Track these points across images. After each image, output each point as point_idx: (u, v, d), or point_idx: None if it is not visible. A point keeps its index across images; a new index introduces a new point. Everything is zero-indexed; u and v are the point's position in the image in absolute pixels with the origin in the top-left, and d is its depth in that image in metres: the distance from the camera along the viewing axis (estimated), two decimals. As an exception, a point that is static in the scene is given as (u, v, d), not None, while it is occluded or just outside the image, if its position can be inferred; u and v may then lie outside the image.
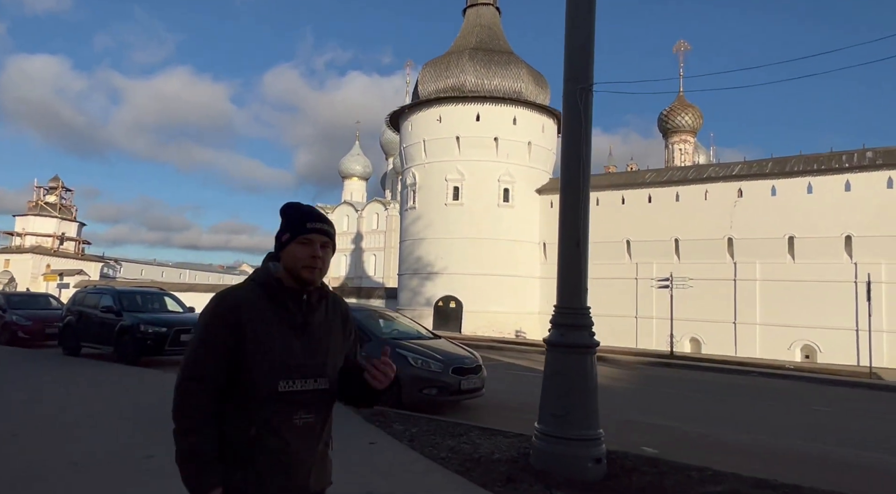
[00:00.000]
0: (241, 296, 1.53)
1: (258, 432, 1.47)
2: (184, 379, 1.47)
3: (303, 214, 1.59)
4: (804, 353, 27.00)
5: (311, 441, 1.55)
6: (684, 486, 4.30)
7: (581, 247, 4.78)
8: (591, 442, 4.54)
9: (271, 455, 1.48)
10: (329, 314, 1.62)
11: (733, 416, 8.80)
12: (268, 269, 1.58)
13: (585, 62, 4.92)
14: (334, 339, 1.62)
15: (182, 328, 10.45)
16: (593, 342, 4.75)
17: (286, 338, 1.51)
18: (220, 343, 1.47)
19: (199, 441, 1.44)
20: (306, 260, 1.53)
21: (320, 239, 1.56)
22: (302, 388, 1.51)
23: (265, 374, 1.47)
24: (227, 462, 1.46)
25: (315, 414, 1.55)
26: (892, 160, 25.09)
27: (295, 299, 1.54)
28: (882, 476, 5.17)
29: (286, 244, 1.56)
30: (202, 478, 1.43)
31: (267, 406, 1.48)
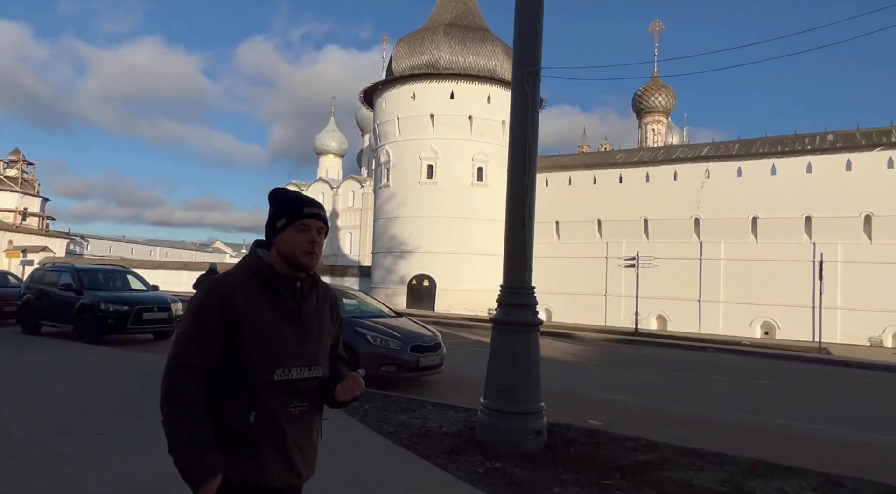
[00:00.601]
0: (234, 283, 1.50)
1: (258, 418, 1.45)
2: (174, 367, 1.44)
3: (299, 199, 1.58)
4: (764, 329, 28.05)
5: (306, 430, 1.54)
6: (617, 455, 4.56)
7: (526, 228, 4.91)
8: (532, 416, 4.75)
9: (270, 440, 1.46)
10: (319, 301, 1.62)
11: (683, 390, 9.21)
12: (259, 256, 1.56)
13: (533, 48, 4.99)
14: (324, 327, 1.62)
15: (145, 307, 10.38)
16: (536, 320, 4.93)
17: (280, 326, 1.50)
18: (211, 331, 1.44)
19: (192, 428, 1.40)
20: (305, 246, 1.52)
21: (317, 224, 1.55)
22: (297, 377, 1.50)
23: (262, 362, 1.45)
24: (228, 451, 1.43)
25: (309, 402, 1.54)
26: (851, 143, 25.87)
27: (288, 287, 1.53)
28: (803, 442, 5.53)
29: (281, 230, 1.53)
30: (201, 466, 1.38)
31: (264, 394, 1.45)
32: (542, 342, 12.37)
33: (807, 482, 4.01)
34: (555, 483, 3.93)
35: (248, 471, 1.44)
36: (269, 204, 1.59)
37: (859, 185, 25.21)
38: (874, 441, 5.92)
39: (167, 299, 11.08)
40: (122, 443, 4.32)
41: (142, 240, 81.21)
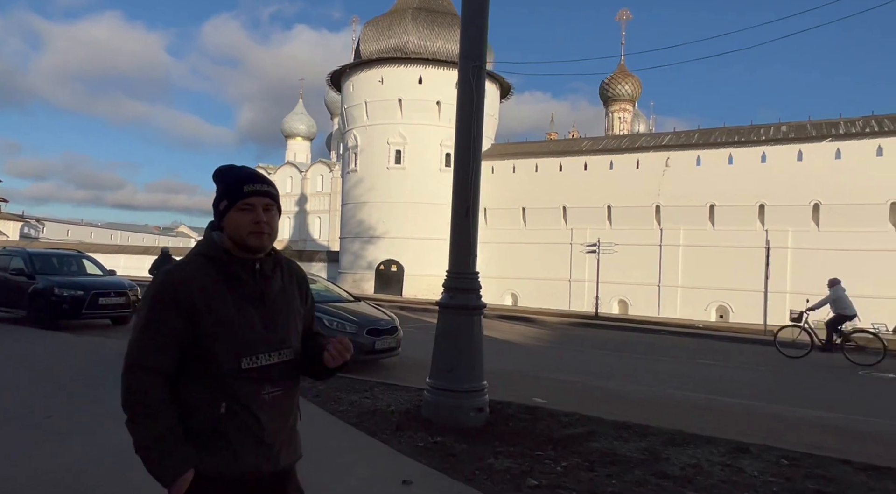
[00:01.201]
0: (188, 272, 1.42)
1: (228, 408, 1.39)
2: (129, 367, 1.38)
3: (239, 177, 1.47)
4: (719, 313, 29.22)
5: (280, 416, 1.48)
6: (552, 429, 4.89)
7: (470, 216, 5.14)
8: (475, 394, 5.04)
9: (244, 431, 1.41)
10: (285, 280, 1.54)
11: (630, 370, 9.69)
12: (212, 239, 1.48)
13: (479, 42, 5.18)
14: (294, 307, 1.54)
15: (101, 292, 10.27)
16: (480, 303, 5.19)
17: (244, 312, 1.42)
18: (167, 326, 1.37)
19: (156, 426, 1.34)
20: (250, 226, 1.43)
21: (262, 201, 1.45)
22: (267, 363, 1.44)
23: (226, 352, 1.39)
24: (198, 443, 1.38)
25: (283, 387, 1.48)
26: (803, 134, 26.96)
27: (247, 269, 1.45)
28: (725, 415, 6.00)
29: (225, 212, 1.45)
30: (169, 463, 1.34)
31: (233, 384, 1.40)
32: (506, 326, 12.94)
33: (717, 449, 4.41)
34: (490, 454, 4.22)
35: (223, 463, 1.39)
36: (216, 185, 1.50)
37: (809, 175, 26.34)
38: (787, 411, 6.44)
39: (124, 284, 10.97)
40: (71, 425, 4.42)
41: (101, 223, 78.66)
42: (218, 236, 1.48)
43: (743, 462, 4.14)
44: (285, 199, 63.46)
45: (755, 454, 4.33)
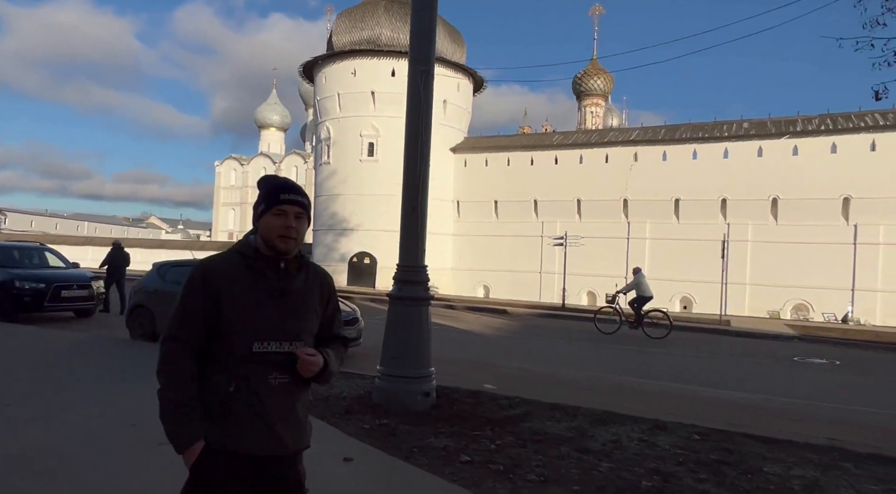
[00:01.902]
0: (219, 265, 1.64)
1: (237, 388, 1.57)
2: (166, 339, 1.61)
3: (277, 186, 1.68)
4: (682, 304, 30.20)
5: (286, 401, 1.62)
6: (492, 411, 5.25)
7: (417, 213, 5.43)
8: (422, 379, 5.36)
9: (247, 410, 1.57)
10: (308, 283, 1.71)
11: (583, 357, 10.17)
12: (248, 239, 1.69)
13: (427, 48, 5.45)
14: (310, 307, 1.70)
15: (63, 284, 10.28)
16: (427, 295, 5.51)
17: (261, 303, 1.61)
18: (197, 308, 1.59)
19: (179, 396, 1.55)
20: (281, 230, 1.63)
21: (294, 210, 1.65)
22: (276, 350, 1.60)
23: (240, 335, 1.58)
24: (211, 418, 1.56)
25: (290, 376, 1.62)
26: (763, 131, 27.92)
27: (272, 267, 1.64)
28: (657, 397, 6.46)
29: (262, 215, 1.65)
30: (183, 431, 1.53)
31: (244, 365, 1.58)
32: (473, 317, 13.40)
33: (639, 427, 4.83)
34: (430, 435, 4.55)
35: (227, 438, 1.55)
36: (258, 190, 1.73)
37: (768, 170, 27.32)
38: (714, 394, 6.95)
39: (87, 277, 10.98)
40: (29, 413, 4.60)
41: (67, 214, 76.63)
42: (253, 238, 1.69)
43: (659, 438, 4.57)
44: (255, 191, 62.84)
45: (671, 430, 4.76)
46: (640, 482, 3.68)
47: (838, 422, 5.77)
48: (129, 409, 4.76)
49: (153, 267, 9.05)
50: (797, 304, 27.09)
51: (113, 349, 7.66)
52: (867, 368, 10.28)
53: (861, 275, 25.59)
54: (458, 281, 34.91)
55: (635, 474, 3.81)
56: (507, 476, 3.75)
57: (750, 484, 3.65)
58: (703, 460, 4.08)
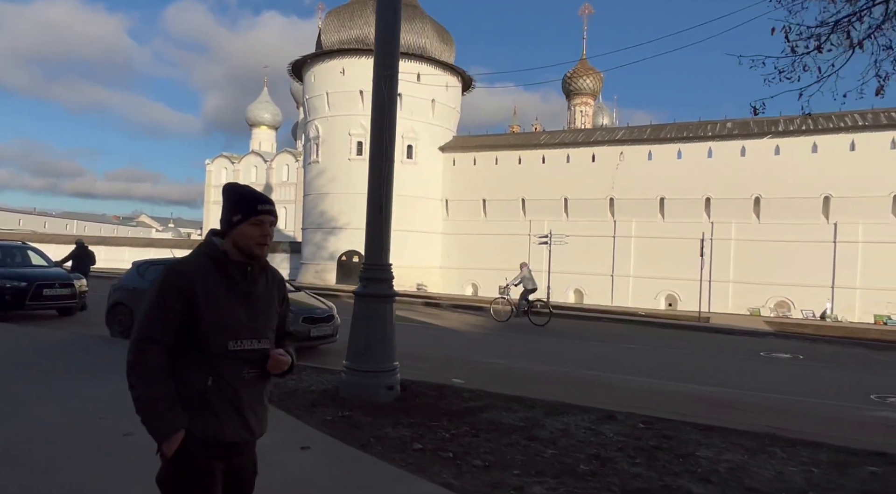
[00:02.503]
0: (191, 266, 1.74)
1: (215, 382, 1.69)
2: (138, 339, 1.68)
3: (253, 197, 1.81)
4: (668, 301, 30.58)
5: (257, 392, 1.80)
6: (453, 403, 5.48)
7: (383, 213, 5.65)
8: (386, 374, 5.58)
9: (224, 402, 1.71)
10: (268, 284, 1.86)
11: (557, 353, 10.41)
12: (214, 243, 1.78)
13: (391, 54, 5.66)
14: (272, 306, 1.87)
15: (44, 283, 10.41)
16: (392, 292, 5.73)
17: (233, 305, 1.73)
18: (171, 308, 1.67)
19: (156, 391, 1.63)
20: (259, 239, 1.76)
21: (269, 219, 1.79)
22: (248, 347, 1.75)
23: (217, 335, 1.70)
24: (190, 410, 1.67)
25: (259, 370, 1.78)
26: (746, 131, 28.31)
27: (240, 271, 1.77)
28: (615, 390, 6.72)
29: (238, 225, 1.76)
30: (163, 423, 1.63)
31: (220, 362, 1.70)
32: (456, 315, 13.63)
33: (589, 416, 5.08)
34: (389, 425, 4.77)
35: (208, 427, 1.68)
36: (224, 199, 1.83)
37: (751, 169, 27.72)
38: (674, 387, 7.22)
39: (70, 276, 11.11)
40: (4, 406, 4.79)
41: (56, 213, 76.10)
42: (219, 241, 1.79)
43: (605, 427, 4.82)
44: (249, 189, 62.71)
45: (620, 419, 5.01)
46: (579, 466, 3.92)
47: (784, 412, 6.05)
48: (100, 403, 4.96)
49: (133, 266, 9.21)
50: (779, 301, 27.53)
51: (91, 347, 7.83)
52: (827, 362, 10.61)
53: (841, 273, 26.06)
54: (447, 279, 35.14)
55: (575, 459, 4.05)
56: (455, 462, 3.98)
57: (680, 467, 3.90)
58: (641, 446, 4.33)
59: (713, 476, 3.74)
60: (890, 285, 24.39)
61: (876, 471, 3.80)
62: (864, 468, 3.85)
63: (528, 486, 3.55)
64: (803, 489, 3.52)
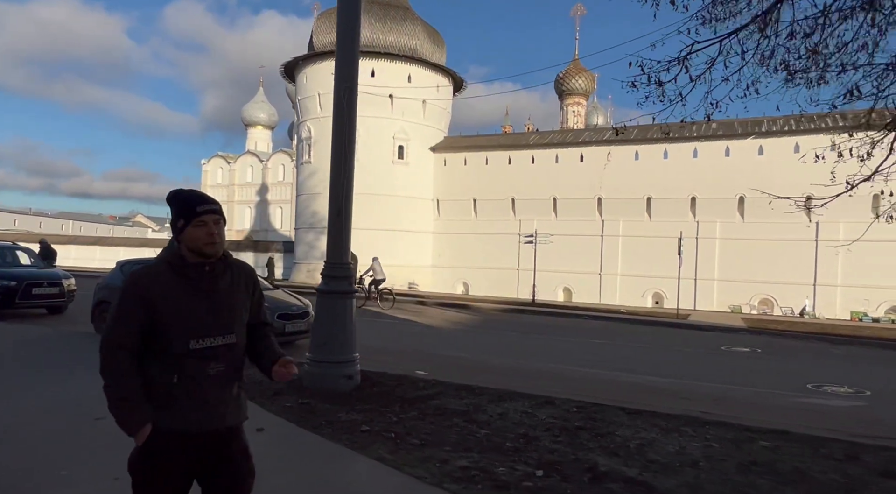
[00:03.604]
0: (150, 274, 1.84)
1: (179, 379, 1.80)
2: (104, 344, 1.80)
3: (192, 200, 1.87)
4: (655, 299, 31.04)
5: (224, 386, 1.89)
6: (407, 392, 5.89)
7: (342, 216, 6.06)
8: (346, 364, 6.00)
9: (189, 397, 1.80)
10: (234, 279, 1.94)
11: (526, 348, 10.84)
12: (173, 248, 1.88)
13: (350, 68, 6.06)
14: (239, 301, 1.94)
15: (34, 282, 10.80)
16: (350, 289, 6.14)
17: (193, 305, 1.82)
18: (132, 314, 1.77)
19: (123, 390, 1.76)
20: (206, 238, 1.83)
21: (212, 218, 1.86)
22: (212, 344, 1.83)
23: (178, 335, 1.79)
24: (155, 405, 1.79)
25: (226, 364, 1.88)
26: (731, 131, 28.76)
27: (198, 271, 1.85)
28: (564, 379, 7.13)
29: (183, 229, 1.84)
30: (132, 418, 1.76)
31: (184, 360, 1.80)
32: (439, 312, 14.16)
33: (529, 402, 5.50)
34: (343, 411, 5.18)
35: (174, 420, 1.80)
36: (169, 206, 1.90)
37: (735, 169, 28.18)
38: (627, 378, 7.64)
39: (58, 275, 11.50)
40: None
41: (52, 213, 76.39)
42: (176, 245, 1.89)
43: (542, 411, 5.23)
44: (246, 188, 63.05)
45: (557, 405, 5.44)
46: (506, 443, 4.34)
47: (722, 399, 6.48)
48: (77, 392, 5.37)
49: (117, 265, 9.60)
50: (763, 299, 28.00)
51: (75, 343, 8.23)
52: (783, 355, 11.06)
53: (822, 271, 26.54)
54: (438, 278, 35.55)
55: (504, 438, 4.47)
56: (396, 441, 4.39)
57: (596, 444, 4.32)
58: (567, 427, 4.75)
59: (622, 450, 4.16)
60: (869, 283, 24.88)
61: (767, 445, 4.22)
62: (759, 443, 4.27)
63: (453, 459, 3.96)
64: (696, 459, 3.94)
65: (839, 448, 4.18)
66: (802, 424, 5.17)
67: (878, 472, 3.75)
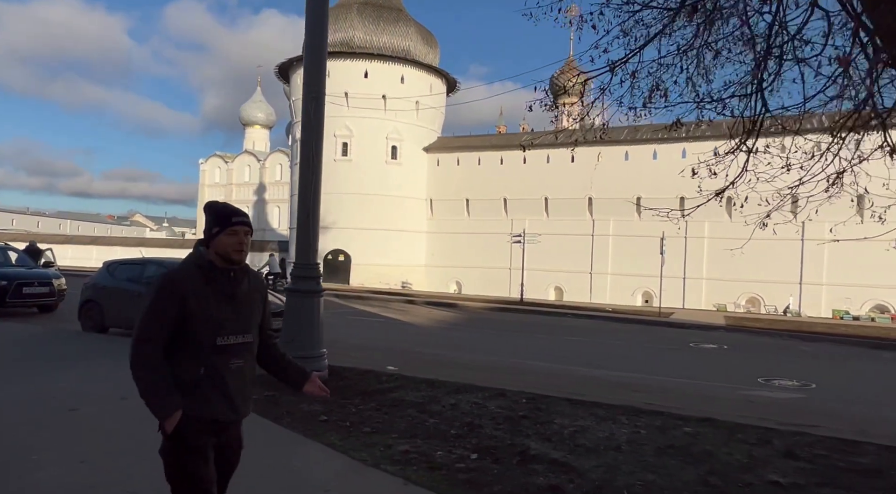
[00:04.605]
0: (183, 275, 2.03)
1: (206, 372, 2.00)
2: (138, 339, 1.98)
3: (229, 212, 2.11)
4: (644, 298, 31.40)
5: (242, 379, 2.10)
6: (371, 385, 6.23)
7: (310, 219, 6.39)
8: (314, 359, 6.33)
9: (213, 388, 2.01)
10: (251, 287, 2.17)
11: (499, 344, 11.19)
12: (200, 253, 2.09)
13: (317, 78, 6.39)
14: (254, 305, 2.18)
15: (24, 281, 11.14)
16: (318, 288, 6.48)
17: (219, 305, 2.04)
18: (165, 312, 1.96)
19: (154, 380, 1.94)
20: (235, 246, 2.06)
21: (243, 229, 2.09)
22: (234, 342, 2.05)
23: (206, 332, 1.99)
24: (186, 395, 1.97)
25: (244, 360, 2.11)
26: (718, 132, 28.97)
27: (224, 276, 2.07)
28: (525, 374, 7.47)
29: (216, 236, 2.06)
30: (163, 405, 1.94)
31: (211, 355, 2.01)
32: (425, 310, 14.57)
33: (483, 394, 5.84)
34: (306, 402, 5.52)
35: (201, 409, 2.00)
36: (205, 215, 2.15)
37: (723, 169, 28.48)
38: (587, 373, 7.98)
39: (49, 275, 11.83)
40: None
41: (50, 212, 76.68)
42: (204, 250, 2.10)
43: (492, 402, 5.58)
44: (243, 188, 63.42)
45: (508, 396, 5.78)
46: (450, 431, 4.69)
47: (672, 391, 6.83)
48: (57, 385, 5.71)
49: (103, 265, 9.93)
50: (750, 297, 28.38)
51: (63, 340, 8.58)
52: (747, 351, 11.42)
53: (808, 270, 26.90)
54: (432, 277, 35.89)
55: (451, 425, 4.82)
56: (349, 429, 4.73)
57: (533, 431, 4.67)
58: (512, 416, 5.09)
59: (555, 436, 4.51)
60: (853, 282, 25.24)
61: (689, 431, 4.57)
62: (682, 429, 4.62)
63: (397, 445, 4.31)
64: (620, 444, 4.28)
65: (755, 433, 4.52)
66: (737, 413, 5.51)
67: (782, 453, 4.09)
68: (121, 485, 3.46)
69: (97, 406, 5.11)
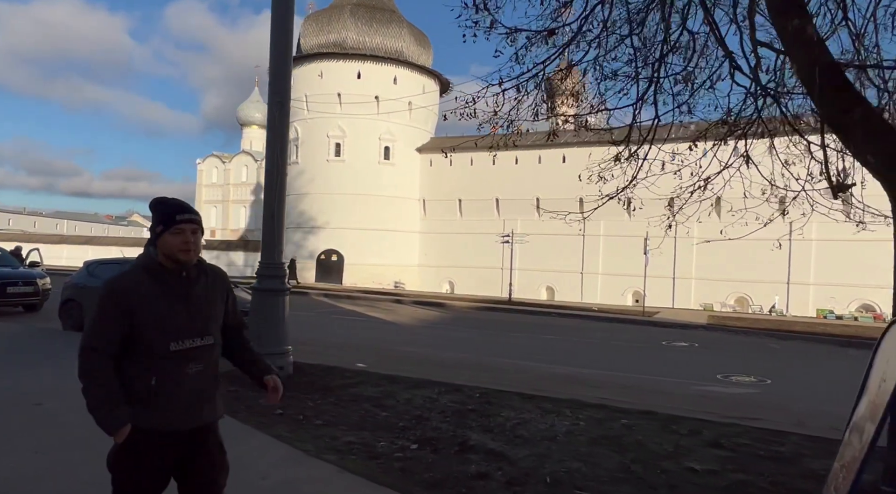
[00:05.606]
0: (129, 280, 1.90)
1: (158, 381, 1.86)
2: (84, 348, 1.85)
3: (172, 208, 1.95)
4: (634, 298, 31.57)
5: (202, 384, 1.98)
6: (333, 381, 6.41)
7: (275, 219, 6.57)
8: (278, 355, 6.50)
9: (169, 397, 1.87)
10: (209, 285, 2.02)
11: (475, 342, 11.37)
12: (149, 254, 1.95)
13: (283, 84, 6.57)
14: (215, 305, 2.04)
15: (8, 281, 11.31)
16: (283, 287, 6.65)
17: (172, 309, 1.89)
18: (111, 321, 1.84)
19: (102, 391, 1.82)
20: (181, 246, 1.90)
21: (190, 227, 1.93)
22: (190, 346, 1.91)
23: (158, 338, 1.86)
24: (135, 405, 1.85)
25: (204, 364, 1.98)
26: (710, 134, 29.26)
27: (175, 277, 1.93)
28: (491, 370, 7.65)
29: (160, 235, 1.91)
30: (111, 419, 1.82)
31: (164, 362, 1.87)
32: (411, 309, 14.84)
33: (438, 389, 6.01)
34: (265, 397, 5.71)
35: (153, 420, 1.87)
36: (151, 212, 2.00)
37: (713, 170, 28.67)
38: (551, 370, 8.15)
39: (33, 274, 12.02)
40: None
41: (47, 212, 76.82)
42: (153, 251, 1.95)
43: (447, 397, 5.75)
44: (241, 188, 63.48)
45: (463, 391, 5.96)
46: (399, 424, 4.86)
47: (629, 387, 7.00)
48: (29, 382, 5.89)
49: (83, 265, 10.10)
50: (738, 297, 28.57)
51: (42, 338, 8.76)
52: (718, 349, 11.62)
53: (795, 270, 27.09)
54: (424, 277, 36.08)
55: (400, 418, 5.00)
56: (301, 422, 4.91)
57: (478, 424, 4.84)
58: (461, 409, 5.27)
59: (497, 428, 4.69)
60: (839, 282, 25.43)
61: (626, 423, 4.75)
62: (620, 421, 4.80)
63: (343, 436, 4.49)
64: (556, 435, 4.46)
65: (689, 424, 4.71)
66: (685, 407, 5.70)
67: (708, 443, 4.27)
68: (70, 473, 3.64)
69: (61, 401, 5.29)
